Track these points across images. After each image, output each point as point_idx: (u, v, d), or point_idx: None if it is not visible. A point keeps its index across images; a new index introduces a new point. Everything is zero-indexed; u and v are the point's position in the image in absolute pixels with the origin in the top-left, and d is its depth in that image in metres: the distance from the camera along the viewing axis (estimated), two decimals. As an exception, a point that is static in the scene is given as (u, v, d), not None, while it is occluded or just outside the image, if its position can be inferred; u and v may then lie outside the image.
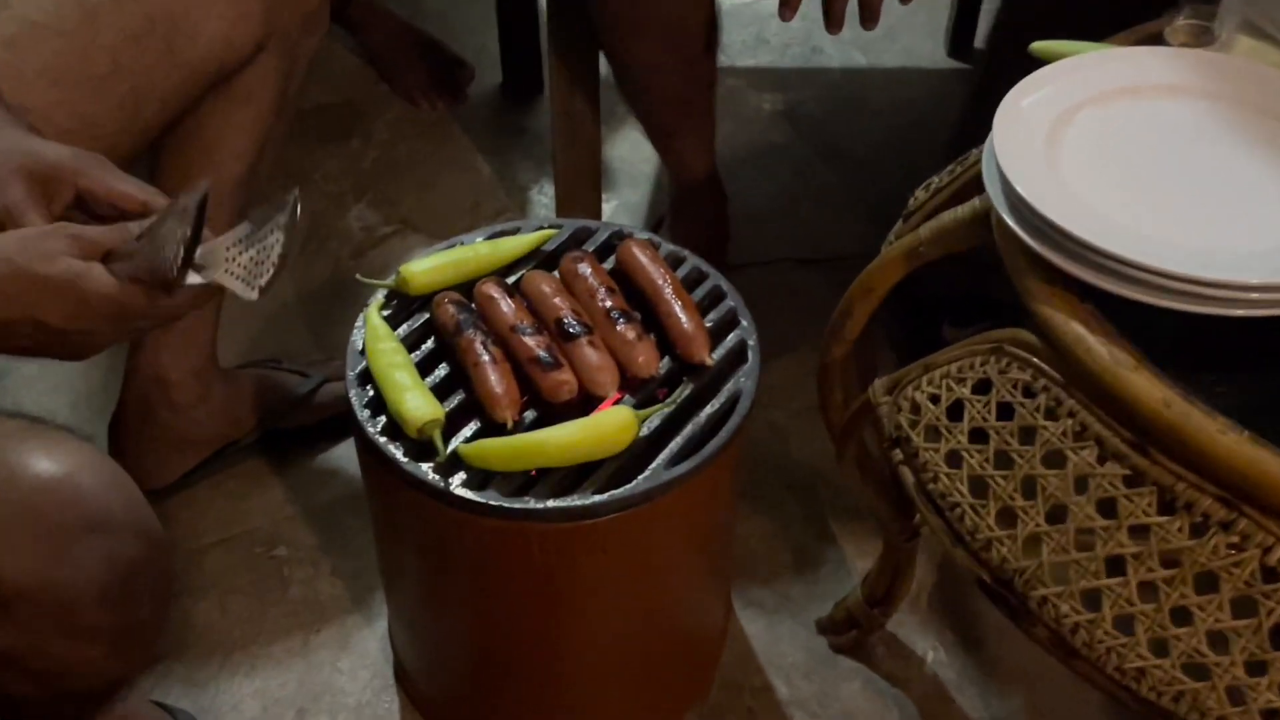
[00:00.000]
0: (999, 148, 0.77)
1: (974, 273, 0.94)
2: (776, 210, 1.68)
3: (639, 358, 0.93)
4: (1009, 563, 0.75)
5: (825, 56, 1.93)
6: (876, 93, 1.88)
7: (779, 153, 1.77)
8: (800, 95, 1.87)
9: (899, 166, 1.60)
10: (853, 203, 1.68)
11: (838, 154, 1.77)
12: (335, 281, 1.57)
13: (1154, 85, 0.84)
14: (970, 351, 0.81)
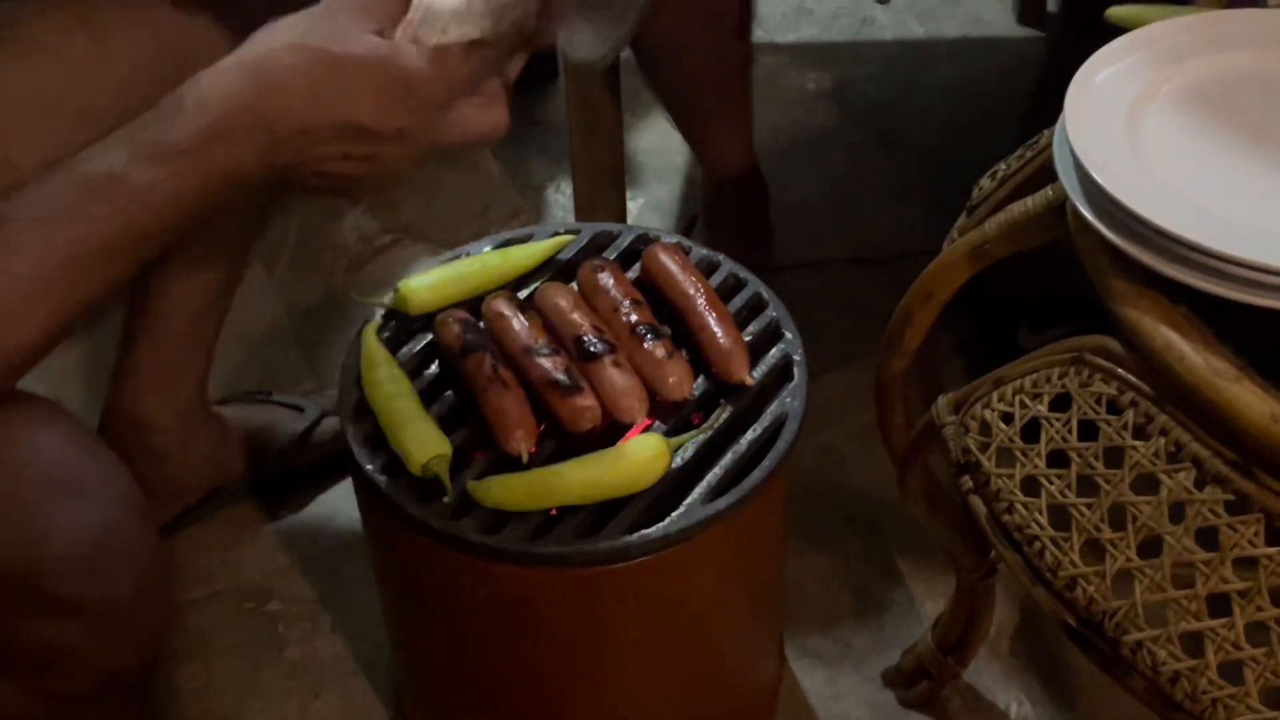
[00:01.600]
0: (1072, 130, 0.77)
1: (1054, 269, 0.94)
2: (826, 204, 1.69)
3: (670, 378, 0.94)
4: (1097, 603, 0.74)
5: (878, 28, 1.94)
6: (938, 68, 1.89)
7: (828, 139, 1.79)
8: (850, 73, 1.89)
9: (965, 151, 1.60)
10: (913, 194, 1.69)
11: (895, 139, 1.78)
12: (330, 299, 1.59)
13: (1250, 54, 0.84)
14: (1047, 363, 0.81)
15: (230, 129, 0.72)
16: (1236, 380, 0.69)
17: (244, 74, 0.72)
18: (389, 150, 0.74)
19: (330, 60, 0.71)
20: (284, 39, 0.72)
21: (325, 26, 0.72)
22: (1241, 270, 0.69)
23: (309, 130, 0.71)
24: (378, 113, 0.71)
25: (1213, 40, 0.85)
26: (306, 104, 0.71)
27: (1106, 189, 0.73)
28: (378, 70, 0.71)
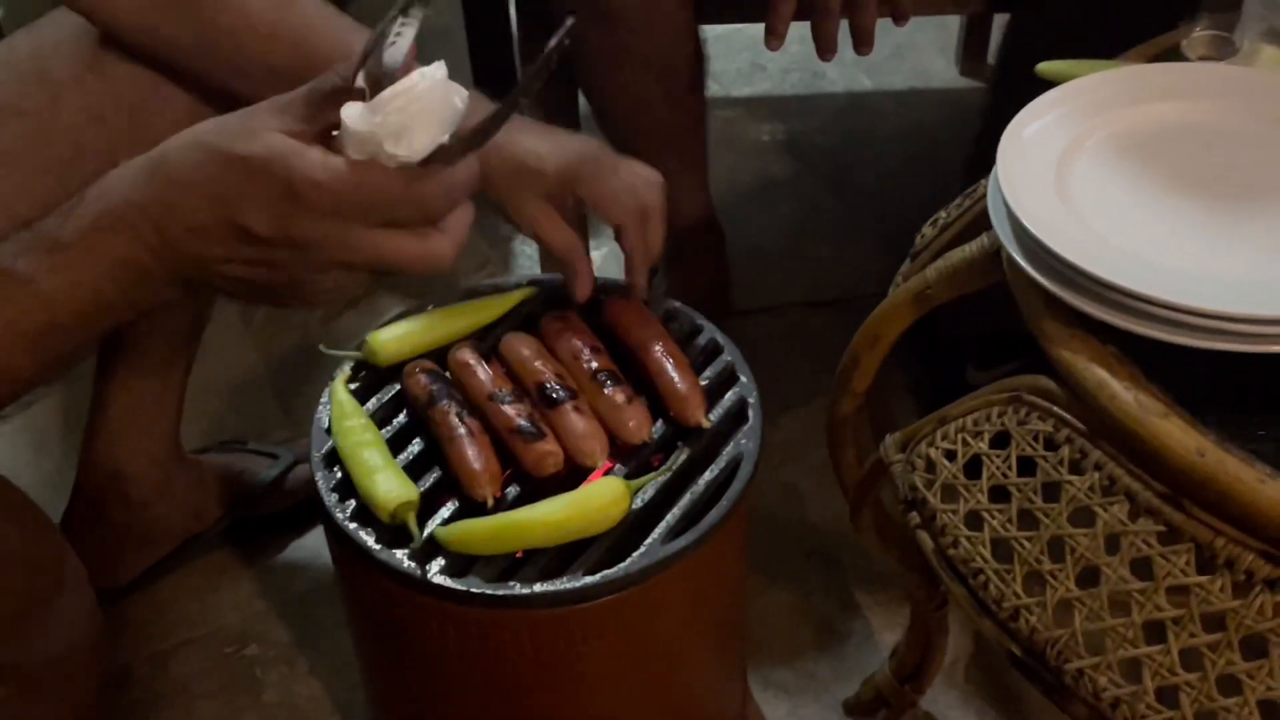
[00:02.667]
0: (1004, 180, 0.79)
1: (999, 310, 0.95)
2: (782, 250, 1.70)
3: (629, 422, 0.94)
4: (1039, 633, 0.75)
5: (828, 81, 1.96)
6: (886, 118, 1.91)
7: (782, 187, 1.80)
8: (803, 124, 1.91)
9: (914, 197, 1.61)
10: (865, 238, 1.70)
11: (847, 186, 1.80)
12: (304, 349, 1.59)
13: (1171, 105, 0.86)
14: (987, 402, 0.82)
15: (118, 223, 0.67)
16: (1164, 416, 0.70)
17: (143, 169, 0.68)
18: (287, 258, 0.67)
19: (224, 158, 0.66)
20: (187, 138, 0.68)
21: (234, 125, 0.67)
22: (1164, 311, 0.71)
23: (197, 229, 0.67)
24: (265, 217, 0.65)
25: (1135, 93, 0.87)
26: (196, 202, 0.66)
27: (1037, 236, 0.75)
28: (266, 171, 0.65)
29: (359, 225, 0.66)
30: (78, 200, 0.70)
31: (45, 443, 1.46)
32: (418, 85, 0.65)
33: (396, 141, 0.65)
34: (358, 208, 0.66)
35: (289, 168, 0.64)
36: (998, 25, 1.87)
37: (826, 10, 1.10)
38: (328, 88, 0.67)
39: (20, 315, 0.68)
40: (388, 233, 0.67)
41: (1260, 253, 0.76)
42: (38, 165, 0.97)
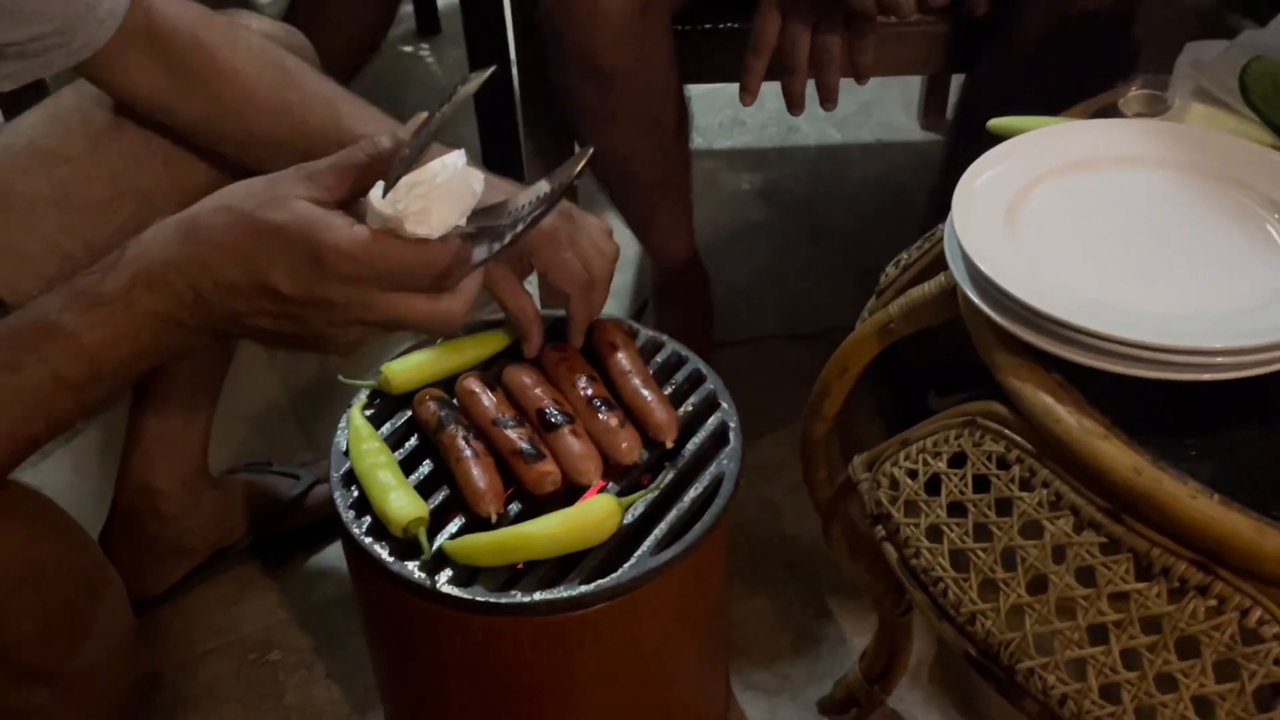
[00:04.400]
0: (959, 225, 0.80)
1: (958, 341, 0.96)
2: (761, 287, 1.71)
3: (622, 444, 0.95)
4: (994, 635, 0.75)
5: (801, 135, 1.98)
6: (854, 168, 1.92)
7: (760, 231, 1.81)
8: (779, 174, 1.91)
9: (881, 239, 1.62)
10: (837, 276, 1.71)
11: (819, 230, 1.80)
12: (323, 379, 1.59)
13: (1109, 157, 0.87)
14: (944, 425, 0.82)
15: (155, 281, 0.68)
16: (1104, 438, 0.70)
17: (177, 230, 0.69)
18: (311, 315, 0.68)
19: (253, 224, 0.66)
20: (220, 201, 0.69)
21: (263, 193, 0.68)
22: (1103, 343, 0.71)
23: (229, 287, 0.67)
24: (290, 279, 0.66)
25: (1076, 147, 0.87)
26: (227, 263, 0.67)
27: (988, 276, 0.76)
28: (295, 239, 0.66)
29: (378, 289, 0.67)
30: (117, 256, 0.70)
31: (86, 466, 1.46)
32: (438, 175, 0.67)
33: (417, 222, 0.66)
34: (378, 275, 0.67)
35: (316, 237, 0.65)
36: (955, 84, 1.89)
37: (794, 71, 1.12)
38: (354, 161, 0.69)
39: (65, 365, 0.69)
40: (403, 295, 0.68)
41: (1186, 290, 0.77)
42: (81, 205, 0.98)
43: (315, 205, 0.67)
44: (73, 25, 0.87)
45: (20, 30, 0.84)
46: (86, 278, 0.70)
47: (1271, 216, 0.81)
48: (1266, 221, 0.81)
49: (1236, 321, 0.73)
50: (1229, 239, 0.81)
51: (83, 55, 0.89)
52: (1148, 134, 0.89)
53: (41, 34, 0.86)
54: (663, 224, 1.43)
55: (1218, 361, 0.71)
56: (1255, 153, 0.85)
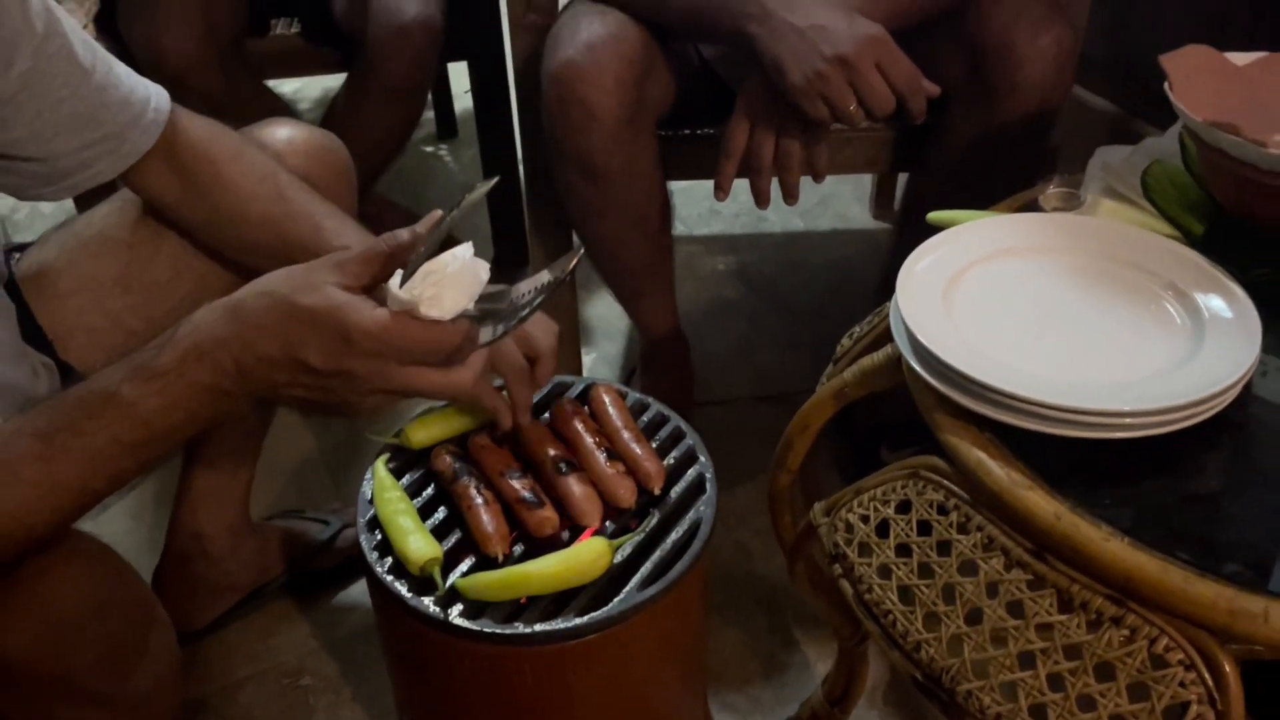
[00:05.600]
0: (902, 303, 0.81)
1: (905, 403, 0.97)
2: (735, 355, 1.71)
3: (620, 490, 0.95)
4: (936, 661, 0.75)
5: (769, 224, 2.00)
6: (815, 252, 1.94)
7: (734, 306, 1.82)
8: (750, 257, 1.93)
9: (838, 313, 1.64)
10: (800, 346, 1.72)
11: (785, 305, 1.82)
12: (351, 436, 1.59)
13: (1031, 246, 0.88)
14: (892, 476, 0.83)
15: (204, 356, 0.69)
16: (1029, 488, 0.71)
17: (224, 312, 0.70)
18: (339, 386, 0.70)
19: (290, 307, 0.68)
20: (261, 286, 0.70)
21: (299, 279, 0.69)
22: (1027, 406, 0.72)
23: (269, 361, 0.68)
24: (321, 355, 0.68)
25: (1003, 237, 0.89)
26: (267, 340, 0.68)
27: (927, 347, 0.77)
28: (326, 320, 0.67)
29: (396, 363, 0.69)
30: (170, 334, 0.71)
31: (141, 515, 1.46)
32: (450, 265, 0.68)
33: (431, 306, 0.68)
34: (397, 352, 0.68)
35: (344, 318, 0.67)
36: (901, 180, 1.92)
37: (760, 171, 1.13)
38: (378, 252, 0.70)
39: (124, 430, 0.69)
40: (419, 369, 0.70)
41: (1098, 360, 0.78)
42: (143, 286, 0.99)
43: (344, 291, 0.68)
44: (124, 131, 0.88)
45: (81, 136, 0.86)
46: (144, 353, 0.71)
47: (1170, 297, 0.83)
48: (1165, 301, 0.83)
49: (1143, 387, 0.74)
50: (1134, 316, 0.82)
51: (130, 160, 0.90)
52: (1064, 226, 0.90)
53: (98, 139, 0.87)
54: (649, 301, 1.44)
55: (1126, 422, 0.72)
56: (1155, 242, 0.87)
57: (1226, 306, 0.80)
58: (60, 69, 0.84)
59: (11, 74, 0.81)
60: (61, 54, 0.84)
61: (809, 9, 1.05)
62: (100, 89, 0.87)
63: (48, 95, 0.83)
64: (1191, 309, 0.81)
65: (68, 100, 0.85)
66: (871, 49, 1.02)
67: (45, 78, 0.83)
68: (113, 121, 0.88)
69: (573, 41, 1.15)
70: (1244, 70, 0.92)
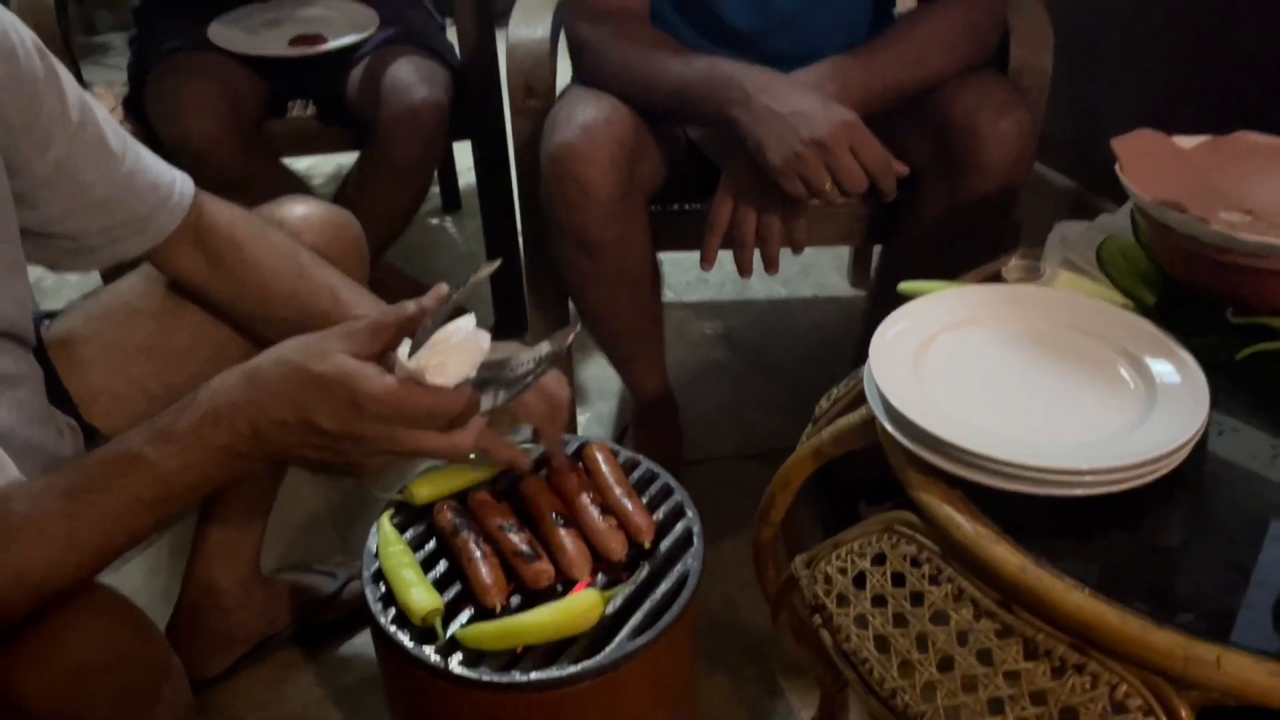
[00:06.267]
0: (875, 368, 0.82)
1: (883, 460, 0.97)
2: (722, 415, 1.72)
3: (612, 544, 0.95)
4: (911, 707, 0.75)
5: (754, 291, 2.01)
6: (797, 317, 1.95)
7: (721, 369, 1.83)
8: (736, 322, 1.94)
9: (819, 375, 1.65)
10: (783, 406, 1.72)
11: (769, 368, 1.83)
12: (357, 493, 1.59)
13: (994, 315, 0.89)
14: (868, 531, 0.83)
15: (221, 420, 0.70)
16: (996, 542, 0.72)
17: (241, 378, 0.71)
18: (349, 447, 0.71)
19: (304, 374, 0.69)
20: (275, 354, 0.71)
21: (312, 347, 0.70)
22: (991, 464, 0.73)
23: (282, 425, 0.70)
24: (332, 418, 0.69)
25: (969, 307, 0.90)
26: (281, 405, 0.69)
27: (898, 409, 0.78)
28: (337, 386, 0.68)
29: (402, 427, 0.70)
30: (190, 399, 0.72)
31: (156, 569, 1.45)
32: (453, 336, 0.70)
33: (435, 374, 0.70)
34: (403, 416, 0.70)
35: (354, 385, 0.68)
36: (877, 251, 1.94)
37: (742, 244, 1.15)
38: (386, 323, 0.72)
39: (145, 489, 0.70)
40: (423, 432, 0.71)
41: (1058, 422, 0.79)
42: (164, 354, 1.00)
43: (354, 359, 0.70)
44: (152, 214, 0.90)
45: (110, 217, 0.88)
46: (165, 416, 0.72)
47: (1124, 362, 0.84)
48: (1120, 366, 0.84)
49: (1100, 447, 0.75)
50: (1091, 380, 0.83)
51: (155, 241, 0.92)
52: (1025, 297, 0.92)
53: (126, 221, 0.89)
54: (640, 365, 1.45)
55: (1086, 480, 0.73)
56: (1110, 312, 0.89)
57: (1176, 372, 0.81)
58: (92, 155, 0.86)
59: (48, 158, 0.83)
60: (94, 141, 0.86)
61: (788, 96, 1.08)
62: (129, 174, 0.89)
63: (80, 179, 0.86)
64: (1144, 374, 0.82)
65: (99, 184, 0.87)
66: (845, 133, 1.04)
67: (79, 163, 0.85)
68: (140, 204, 0.89)
69: (569, 125, 1.17)
70: (1189, 153, 0.95)
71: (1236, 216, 0.91)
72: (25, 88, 0.81)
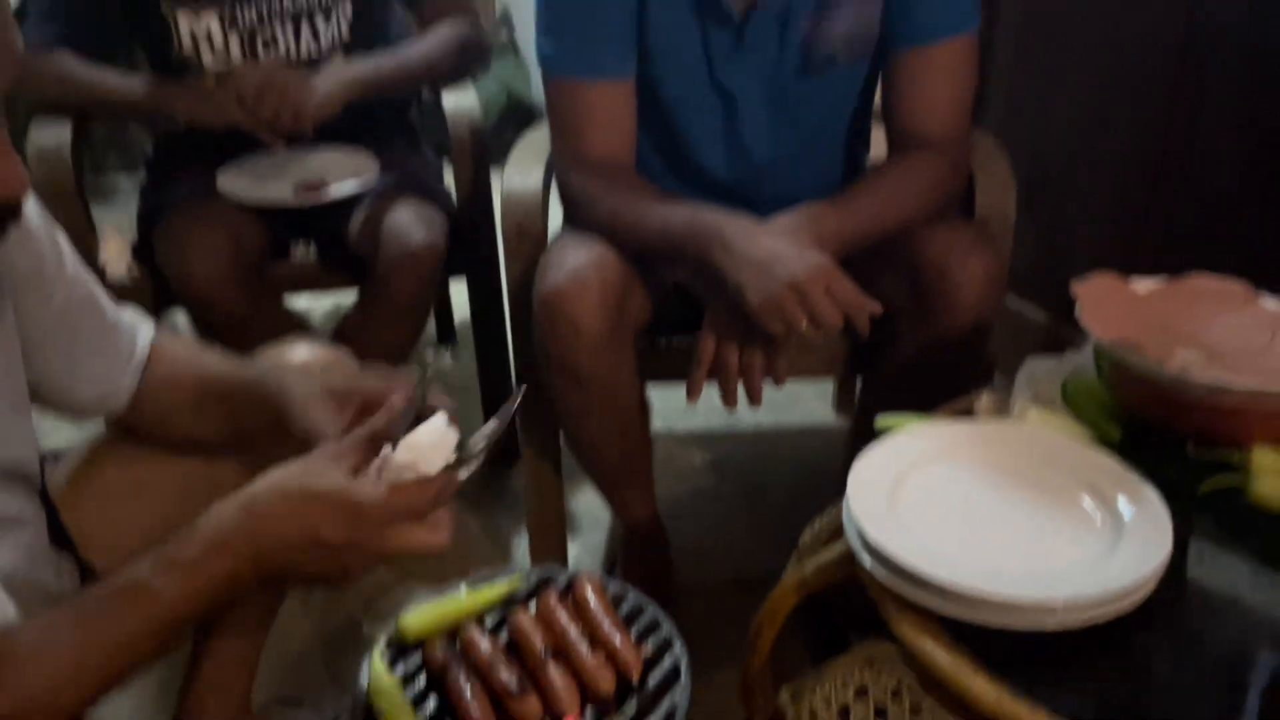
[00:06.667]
0: (852, 503, 0.85)
1: (869, 590, 0.98)
2: (711, 545, 1.72)
3: (600, 680, 0.95)
4: (897, 841, 0.75)
5: (742, 420, 2.04)
6: (784, 446, 1.98)
7: (710, 497, 1.84)
8: (724, 452, 1.97)
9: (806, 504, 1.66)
10: (773, 536, 1.71)
11: (756, 498, 1.84)
12: (349, 626, 1.58)
13: (967, 450, 0.93)
14: (851, 662, 0.85)
15: (222, 548, 0.74)
16: (974, 674, 0.73)
17: (238, 505, 0.75)
18: (347, 556, 0.75)
19: (302, 493, 0.74)
20: (271, 480, 0.75)
21: (309, 467, 0.75)
22: (967, 598, 0.75)
23: (285, 543, 0.74)
24: (335, 531, 0.73)
25: (943, 442, 0.93)
26: (283, 525, 0.73)
27: (874, 543, 0.80)
28: (337, 499, 0.73)
29: (395, 526, 0.75)
30: (191, 528, 0.75)
31: (142, 705, 1.43)
32: (423, 440, 0.78)
33: (415, 471, 0.77)
34: (396, 515, 0.74)
35: (354, 496, 0.73)
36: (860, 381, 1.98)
37: (726, 378, 1.19)
38: (364, 437, 0.78)
39: (150, 618, 0.73)
40: (410, 528, 0.76)
41: (1030, 557, 0.81)
42: (162, 492, 1.02)
43: (343, 474, 0.75)
44: (118, 384, 0.97)
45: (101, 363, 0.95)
46: (169, 547, 0.75)
47: (1091, 497, 0.87)
48: (1088, 501, 0.87)
49: (1070, 581, 0.77)
50: (1061, 515, 0.86)
51: (121, 402, 0.98)
52: (996, 433, 0.95)
53: (113, 370, 0.96)
54: (629, 495, 1.47)
55: (1058, 613, 0.75)
56: (1077, 448, 0.92)
57: (1141, 507, 0.84)
58: (86, 307, 0.94)
59: (52, 307, 0.91)
60: (86, 294, 0.95)
61: (766, 241, 1.14)
62: (114, 325, 0.97)
63: (77, 327, 0.93)
64: (1111, 509, 0.85)
65: (94, 335, 0.94)
66: (820, 276, 1.10)
67: (75, 313, 0.93)
68: (119, 354, 0.95)
69: (560, 269, 1.23)
70: (1145, 296, 1.00)
71: (1194, 355, 0.95)
72: (31, 244, 0.89)
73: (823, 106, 1.14)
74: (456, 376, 2.26)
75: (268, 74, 1.49)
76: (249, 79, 1.48)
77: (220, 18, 1.61)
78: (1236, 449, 0.88)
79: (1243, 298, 1.00)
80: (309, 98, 1.49)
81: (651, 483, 1.50)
